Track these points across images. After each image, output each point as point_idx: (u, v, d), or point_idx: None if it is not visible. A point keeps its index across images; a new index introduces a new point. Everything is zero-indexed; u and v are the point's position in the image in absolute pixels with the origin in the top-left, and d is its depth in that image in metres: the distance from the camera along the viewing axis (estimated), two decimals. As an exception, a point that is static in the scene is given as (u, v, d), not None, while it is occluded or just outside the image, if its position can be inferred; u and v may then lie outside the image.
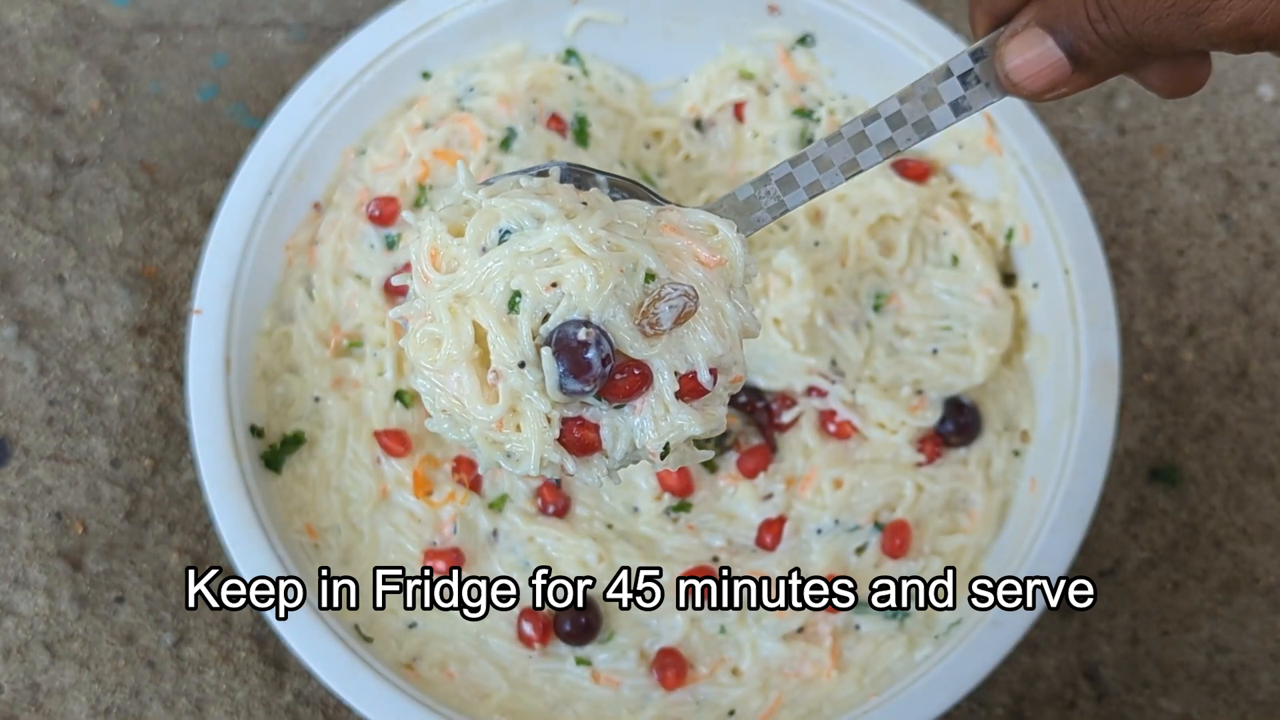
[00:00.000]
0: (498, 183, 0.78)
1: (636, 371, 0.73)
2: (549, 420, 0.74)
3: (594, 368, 0.72)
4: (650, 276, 0.74)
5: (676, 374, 0.74)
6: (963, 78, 0.76)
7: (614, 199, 0.81)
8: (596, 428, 0.75)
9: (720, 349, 0.75)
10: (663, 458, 0.76)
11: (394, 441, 1.08)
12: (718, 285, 0.76)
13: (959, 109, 0.77)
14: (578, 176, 0.83)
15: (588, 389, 0.72)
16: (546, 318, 0.72)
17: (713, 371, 0.75)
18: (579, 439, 0.75)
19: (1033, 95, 0.73)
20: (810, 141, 1.20)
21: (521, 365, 0.72)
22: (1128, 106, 1.34)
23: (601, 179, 0.83)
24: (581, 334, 0.71)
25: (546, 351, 0.72)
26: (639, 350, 0.73)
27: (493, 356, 0.73)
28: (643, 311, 0.73)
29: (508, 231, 0.74)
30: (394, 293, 1.13)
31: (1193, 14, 0.63)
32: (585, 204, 0.77)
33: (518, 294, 0.73)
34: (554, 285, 0.72)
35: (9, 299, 1.24)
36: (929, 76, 0.78)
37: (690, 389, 0.74)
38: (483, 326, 0.73)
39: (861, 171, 0.81)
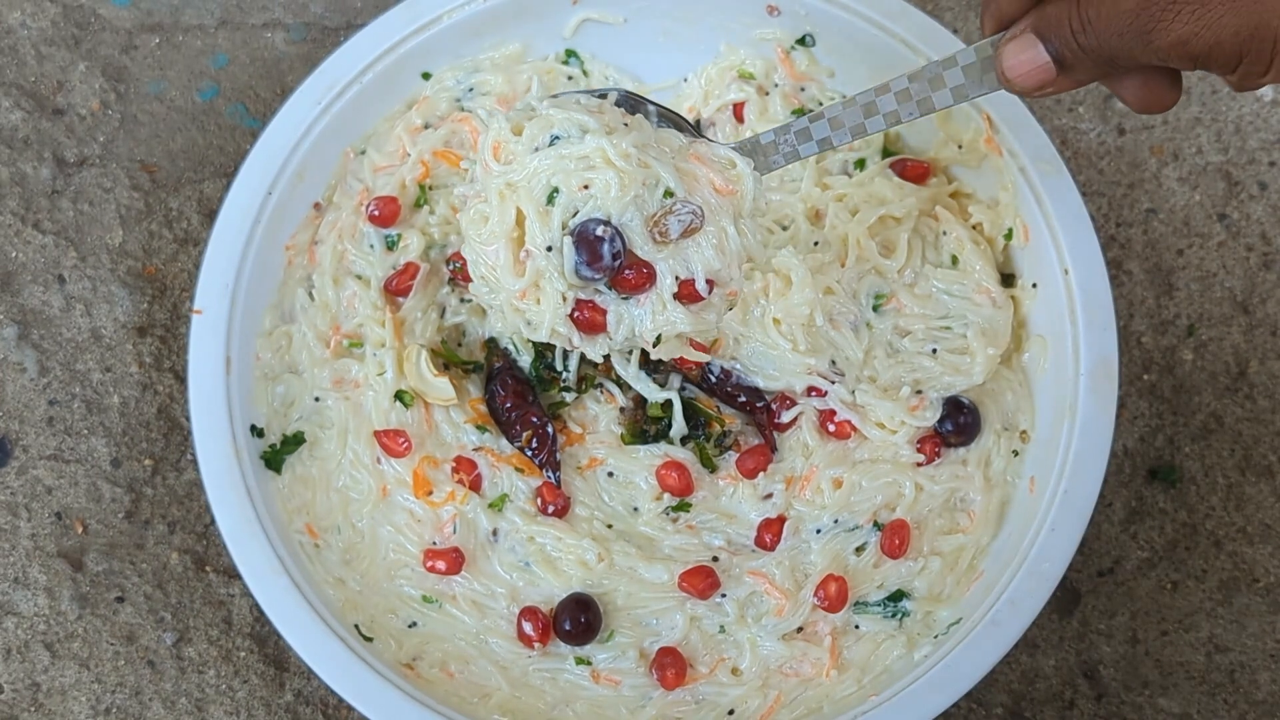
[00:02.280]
0: (562, 98, 0.93)
1: (644, 270, 0.89)
2: (564, 298, 0.90)
3: (605, 260, 0.88)
4: (669, 194, 0.89)
5: (677, 278, 0.90)
6: (965, 68, 0.89)
7: (657, 126, 0.94)
8: (604, 312, 0.91)
9: (719, 264, 0.91)
10: (655, 345, 0.92)
11: (394, 441, 1.08)
12: (727, 211, 0.91)
13: (958, 95, 0.90)
14: (632, 103, 0.96)
15: (598, 277, 0.88)
16: (576, 214, 0.88)
17: (710, 283, 0.90)
18: (588, 319, 0.91)
19: (1024, 91, 0.84)
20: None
21: (549, 249, 0.89)
22: (1127, 107, 1.34)
23: (652, 108, 0.97)
24: (599, 230, 0.87)
25: (568, 240, 0.88)
26: (647, 253, 0.89)
27: (526, 238, 0.89)
28: (655, 221, 0.88)
29: (557, 137, 0.89)
30: (394, 293, 1.13)
31: (1144, 32, 0.74)
32: (626, 124, 0.91)
33: (555, 190, 0.88)
34: (586, 187, 0.88)
35: (9, 299, 1.24)
36: (937, 63, 0.90)
37: (688, 294, 0.90)
38: (523, 212, 0.89)
39: (867, 135, 0.94)
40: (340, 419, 1.10)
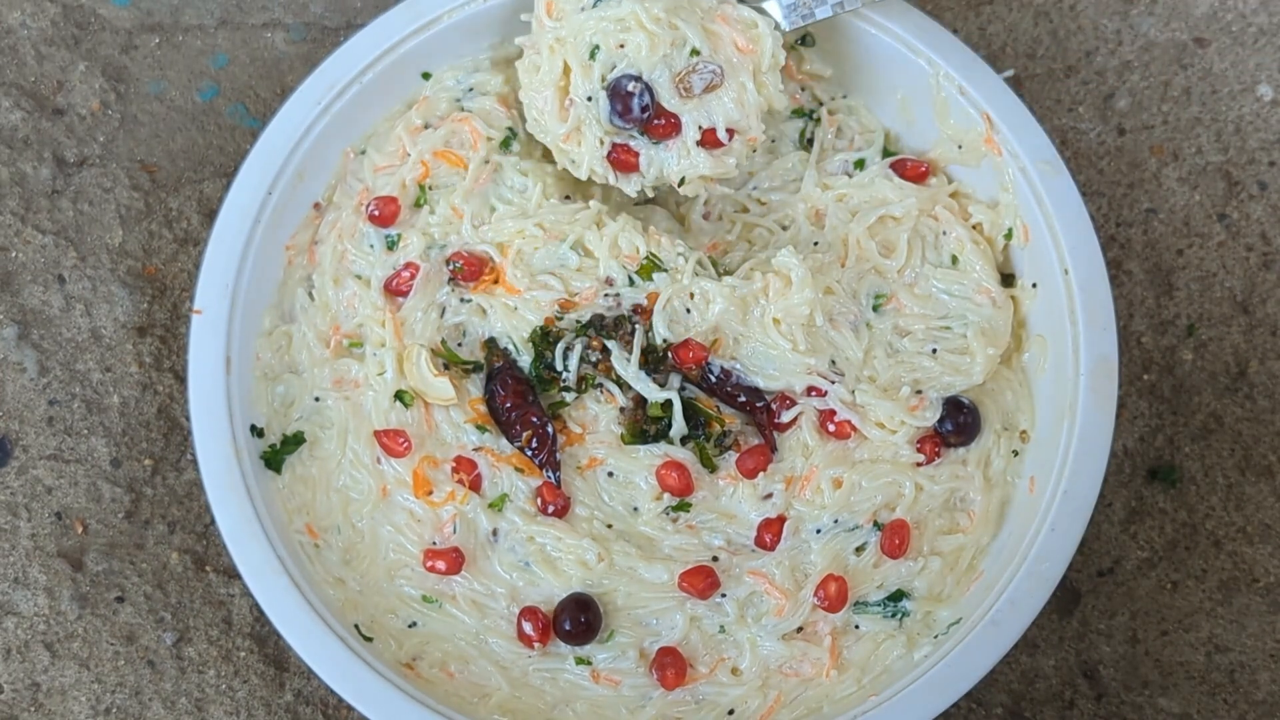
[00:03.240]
0: None
1: (671, 120, 1.07)
2: (600, 141, 1.09)
3: (634, 111, 1.06)
4: (695, 52, 1.06)
5: (700, 127, 1.07)
6: None
7: None
8: (637, 154, 1.09)
9: (738, 115, 1.07)
10: (680, 185, 1.10)
11: (394, 441, 1.08)
12: (746, 68, 1.07)
13: None
14: None
15: (629, 126, 1.07)
16: (614, 68, 1.06)
17: (730, 131, 1.07)
18: (623, 160, 1.10)
19: None
20: (810, 142, 1.20)
21: (589, 99, 1.07)
22: (1127, 107, 1.34)
23: None
24: (631, 85, 1.05)
25: (603, 93, 1.06)
26: (674, 105, 1.06)
27: (570, 88, 1.08)
28: (680, 78, 1.05)
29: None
30: (394, 293, 1.13)
31: None
32: None
33: (596, 47, 1.06)
34: (621, 46, 1.05)
35: (9, 299, 1.24)
36: None
37: (710, 140, 1.07)
38: (569, 65, 1.07)
39: (882, 1, 1.12)
40: (340, 419, 1.10)
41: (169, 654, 1.16)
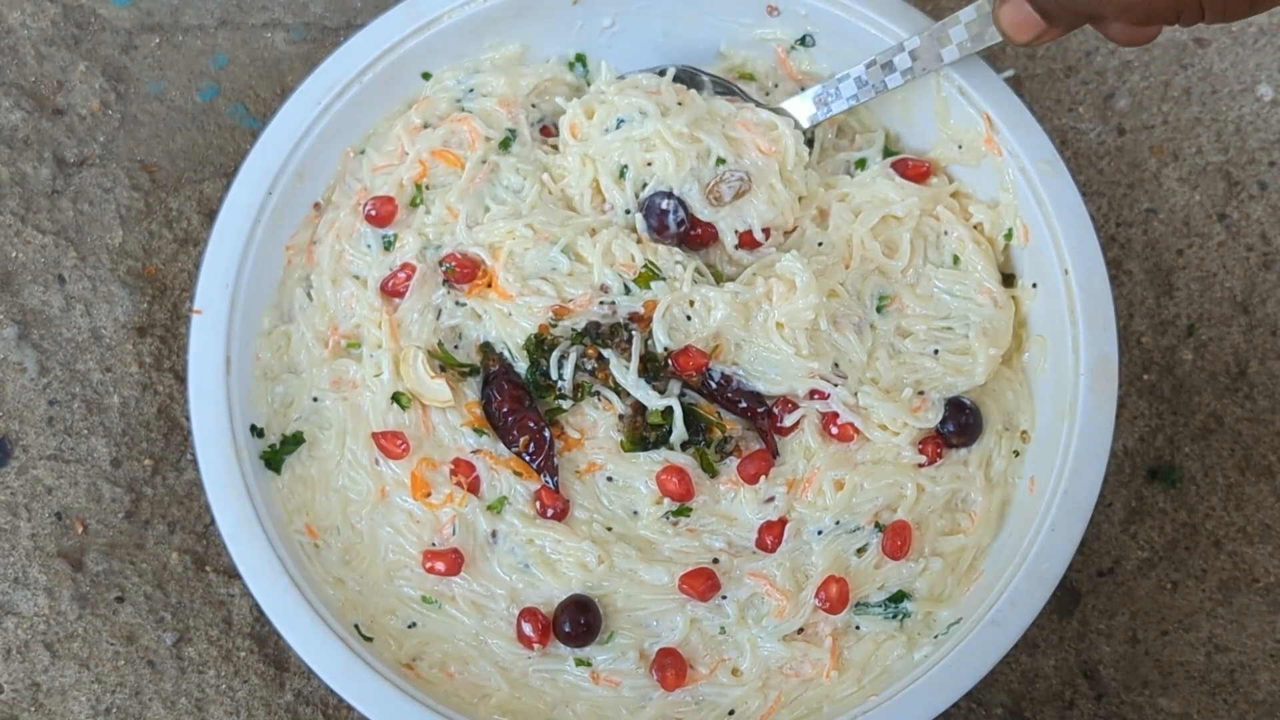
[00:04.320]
0: (625, 81, 1.14)
1: (708, 229, 1.11)
2: (633, 259, 1.09)
3: (670, 228, 1.10)
4: (720, 161, 1.10)
5: (736, 232, 1.11)
6: (968, 25, 1.07)
7: (711, 95, 1.16)
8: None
9: (771, 214, 1.11)
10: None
11: (392, 443, 1.08)
12: (773, 169, 1.11)
13: (963, 49, 1.08)
14: (689, 75, 1.17)
15: (667, 241, 1.11)
16: (645, 186, 1.10)
17: (765, 230, 1.11)
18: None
19: (1021, 43, 1.01)
20: (810, 143, 1.20)
21: (627, 212, 1.12)
22: (1127, 106, 1.34)
23: (706, 79, 1.17)
24: (664, 204, 1.09)
25: (639, 216, 1.11)
26: (708, 215, 1.10)
27: (607, 197, 1.12)
28: (710, 188, 1.09)
29: (622, 121, 1.11)
30: (391, 294, 1.13)
31: None
32: (680, 104, 1.11)
33: (625, 166, 1.11)
34: (649, 164, 1.10)
35: (9, 299, 1.24)
36: (942, 24, 1.08)
37: (747, 242, 1.12)
38: (600, 183, 1.12)
39: (887, 90, 1.12)
40: (339, 419, 1.10)
41: (169, 654, 1.16)
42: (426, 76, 1.19)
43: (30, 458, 1.20)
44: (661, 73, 1.15)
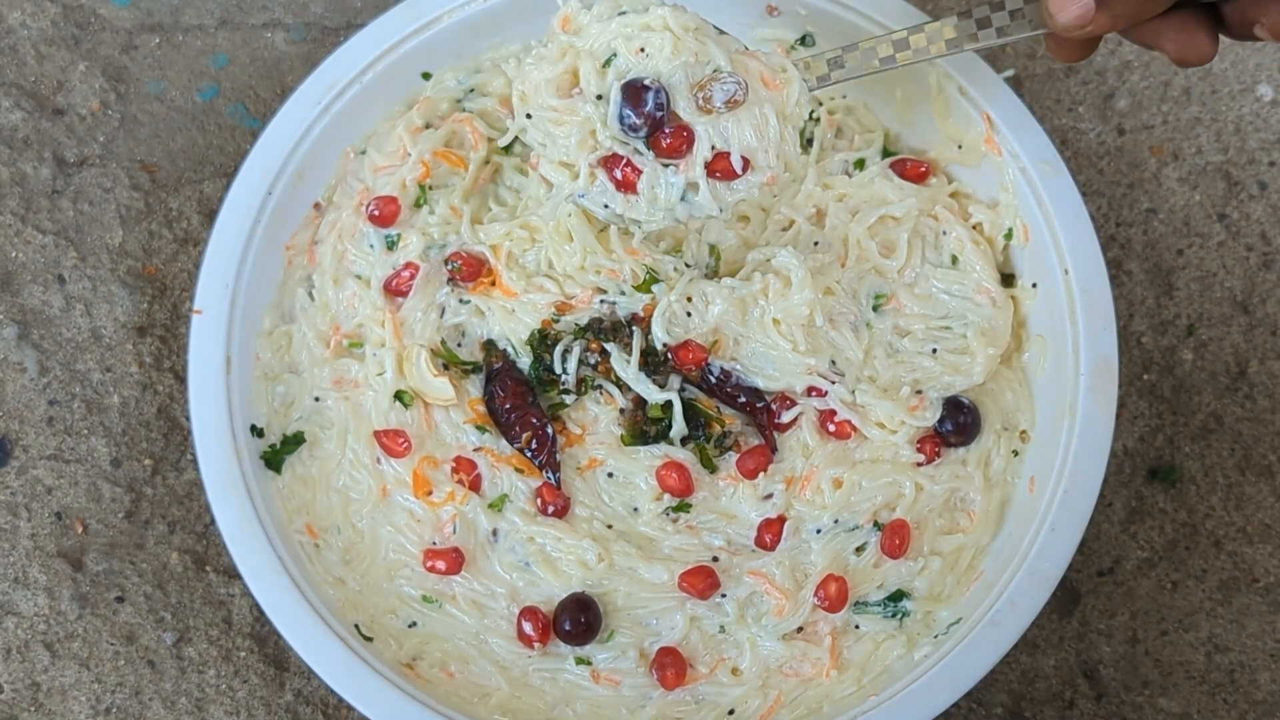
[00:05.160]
0: None
1: (684, 133, 0.93)
2: (595, 144, 0.94)
3: (648, 105, 0.92)
4: (719, 71, 0.93)
5: (713, 148, 0.94)
6: (1011, 12, 0.98)
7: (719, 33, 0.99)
8: (640, 172, 0.95)
9: (755, 144, 0.95)
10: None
11: (394, 441, 1.08)
12: (771, 101, 0.95)
13: (1002, 33, 0.98)
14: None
15: (640, 124, 0.92)
16: (629, 74, 0.93)
17: (745, 161, 0.94)
18: (623, 177, 0.96)
19: (1066, 29, 0.88)
20: (810, 142, 1.20)
21: (599, 98, 0.94)
22: (1127, 107, 1.34)
23: (713, 28, 1.00)
24: (647, 81, 0.92)
25: (616, 86, 0.93)
26: (690, 116, 0.93)
27: (581, 82, 0.94)
28: (700, 86, 0.93)
29: (624, 11, 0.95)
30: (394, 293, 1.13)
31: None
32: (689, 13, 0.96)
33: (614, 53, 0.94)
34: (641, 50, 0.93)
35: (9, 299, 1.24)
36: (984, 4, 0.99)
37: (721, 167, 0.94)
38: (579, 70, 0.94)
39: (912, 61, 1.01)
40: (340, 419, 1.10)
41: (169, 654, 1.16)
42: (427, 76, 1.19)
43: (30, 458, 1.20)
44: None
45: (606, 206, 0.97)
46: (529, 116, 0.97)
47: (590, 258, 1.09)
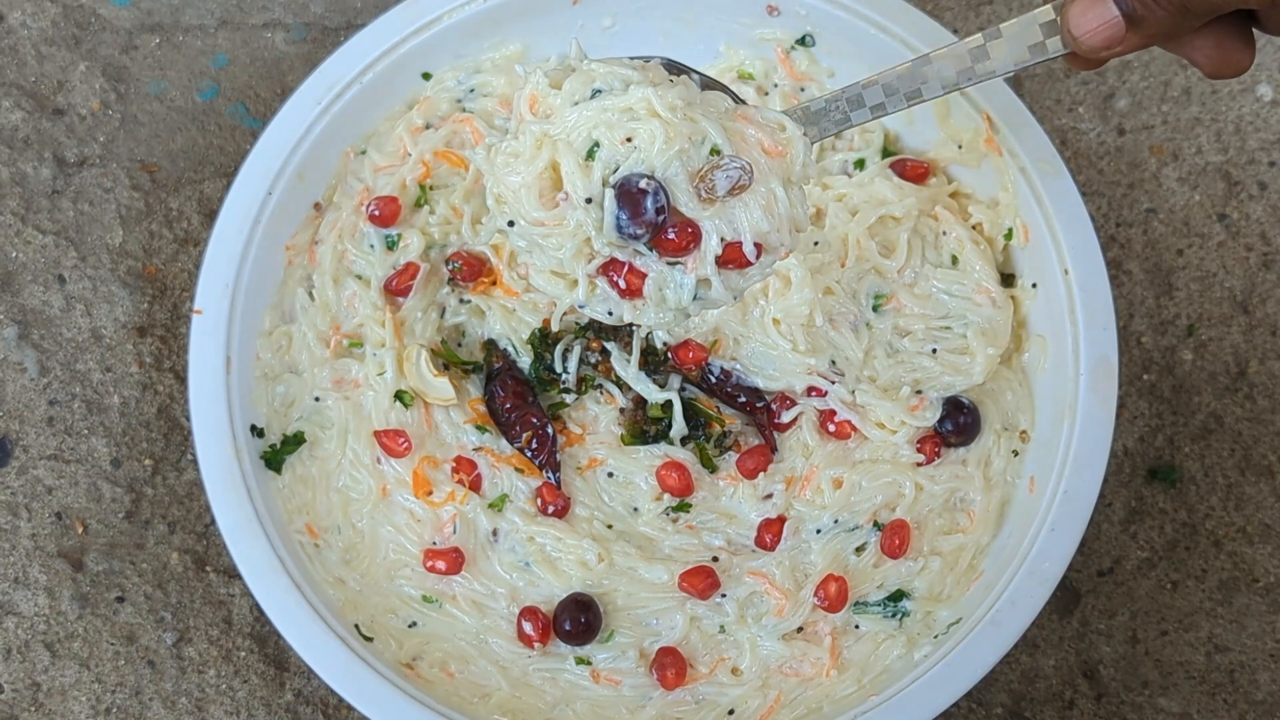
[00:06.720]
0: (603, 59, 0.87)
1: (689, 230, 0.83)
2: (591, 253, 0.84)
3: (648, 213, 0.81)
4: (715, 151, 0.83)
5: (723, 240, 0.83)
6: (1025, 33, 0.86)
7: (702, 89, 0.89)
8: (644, 276, 0.85)
9: (767, 226, 0.84)
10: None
11: (394, 441, 1.08)
12: (776, 173, 0.85)
13: (1016, 61, 0.87)
14: (676, 69, 0.90)
15: (641, 233, 0.82)
16: (617, 169, 0.81)
17: (757, 246, 0.84)
18: (628, 283, 0.85)
19: (1091, 51, 0.80)
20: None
21: (588, 201, 0.82)
22: (1127, 107, 1.34)
23: (695, 76, 0.90)
24: (643, 183, 0.81)
25: (610, 193, 0.81)
26: (693, 211, 0.82)
27: (565, 185, 0.82)
28: (701, 176, 0.82)
29: (599, 91, 0.84)
30: (394, 293, 1.13)
31: None
32: (672, 81, 0.86)
33: (596, 144, 0.82)
34: (629, 140, 0.82)
35: (9, 299, 1.24)
36: (994, 30, 0.88)
37: (734, 257, 0.84)
38: (559, 165, 0.82)
39: (923, 100, 0.90)
40: (340, 419, 1.10)
41: (169, 654, 1.16)
42: (427, 77, 1.19)
43: (30, 458, 1.20)
44: (646, 60, 0.90)
45: (610, 314, 0.88)
46: (510, 225, 0.86)
47: None
